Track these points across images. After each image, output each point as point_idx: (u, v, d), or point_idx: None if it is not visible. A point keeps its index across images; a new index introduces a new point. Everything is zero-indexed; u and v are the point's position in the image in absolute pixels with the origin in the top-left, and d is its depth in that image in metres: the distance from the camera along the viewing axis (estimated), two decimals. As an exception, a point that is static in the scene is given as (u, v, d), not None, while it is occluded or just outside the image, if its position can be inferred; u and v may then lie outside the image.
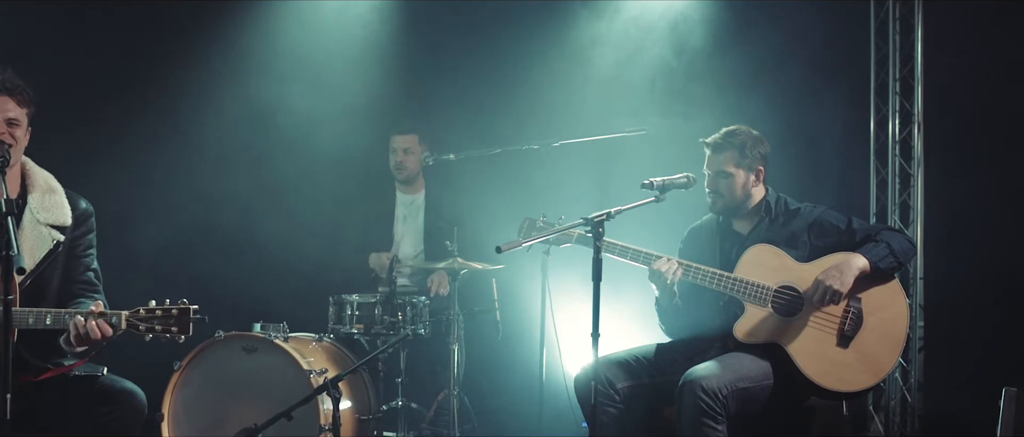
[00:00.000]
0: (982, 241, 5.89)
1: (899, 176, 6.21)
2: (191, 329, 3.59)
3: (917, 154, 6.16)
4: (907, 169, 6.20)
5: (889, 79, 6.22)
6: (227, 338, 4.81)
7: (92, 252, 3.98)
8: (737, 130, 4.36)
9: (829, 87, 6.19)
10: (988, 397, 5.49)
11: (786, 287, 4.17)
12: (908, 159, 6.20)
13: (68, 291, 3.88)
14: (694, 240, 4.51)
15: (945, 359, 6.00)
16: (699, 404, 3.93)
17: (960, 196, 5.93)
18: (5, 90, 3.73)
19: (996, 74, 5.89)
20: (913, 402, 6.06)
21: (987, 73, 5.91)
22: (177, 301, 3.60)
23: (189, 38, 6.25)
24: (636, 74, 6.03)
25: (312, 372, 4.72)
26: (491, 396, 5.72)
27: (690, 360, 4.24)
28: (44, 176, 3.89)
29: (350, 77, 6.28)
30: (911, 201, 6.15)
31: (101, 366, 3.87)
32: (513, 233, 5.62)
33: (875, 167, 6.30)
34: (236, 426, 4.55)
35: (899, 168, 6.21)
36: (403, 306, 5.13)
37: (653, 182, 4.05)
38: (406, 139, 5.84)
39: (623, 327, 5.70)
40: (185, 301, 3.59)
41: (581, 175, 5.75)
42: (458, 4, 6.29)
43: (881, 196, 6.27)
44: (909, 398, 6.07)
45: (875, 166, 6.30)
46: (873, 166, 6.30)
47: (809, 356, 4.10)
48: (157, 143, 6.11)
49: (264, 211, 6.15)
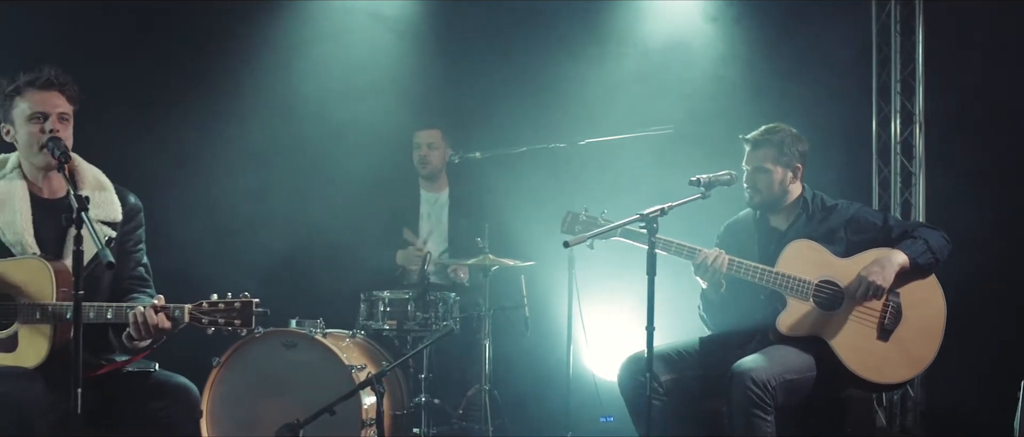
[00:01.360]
0: (983, 239, 6.02)
1: (901, 175, 6.36)
2: (254, 322, 3.58)
3: (918, 153, 6.32)
4: (909, 168, 6.35)
5: (891, 79, 6.37)
6: (266, 334, 4.79)
7: (142, 247, 3.97)
8: (776, 127, 4.45)
9: (831, 87, 6.31)
10: (988, 392, 5.68)
11: (827, 282, 4.26)
12: (909, 158, 6.35)
13: (120, 287, 3.87)
14: (732, 235, 4.59)
15: (946, 354, 6.14)
16: (749, 395, 4.01)
17: (961, 195, 6.07)
18: (55, 86, 3.71)
19: (997, 74, 6.05)
20: (916, 396, 6.20)
21: (987, 73, 6.07)
22: (239, 294, 3.59)
23: (225, 37, 6.27)
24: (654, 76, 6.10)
25: (353, 367, 4.71)
26: (518, 391, 5.74)
27: (731, 353, 4.33)
28: (93, 172, 3.86)
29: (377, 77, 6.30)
30: (913, 200, 6.31)
31: (153, 362, 3.85)
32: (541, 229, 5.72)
33: (877, 166, 6.45)
34: (273, 422, 4.52)
35: (901, 167, 6.36)
36: (435, 302, 5.14)
37: (700, 179, 4.13)
38: (429, 134, 5.86)
39: (635, 319, 5.79)
40: (247, 294, 3.59)
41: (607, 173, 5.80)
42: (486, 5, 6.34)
43: (883, 195, 6.42)
44: (912, 392, 6.22)
45: (877, 165, 6.45)
46: (875, 165, 6.45)
47: (850, 349, 4.20)
48: (184, 142, 6.12)
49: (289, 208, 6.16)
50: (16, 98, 3.70)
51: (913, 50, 6.29)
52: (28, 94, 3.68)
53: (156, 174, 5.64)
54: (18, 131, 3.71)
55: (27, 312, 3.60)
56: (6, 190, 3.72)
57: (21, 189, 3.73)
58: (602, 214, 4.33)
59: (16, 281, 3.61)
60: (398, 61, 6.38)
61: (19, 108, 3.69)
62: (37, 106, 3.67)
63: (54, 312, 3.59)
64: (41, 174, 3.78)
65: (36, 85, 3.68)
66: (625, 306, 5.86)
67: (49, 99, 3.68)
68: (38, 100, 3.67)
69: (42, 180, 3.79)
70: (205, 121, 6.13)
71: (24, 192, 3.74)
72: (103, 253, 3.24)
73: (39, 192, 3.79)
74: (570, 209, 4.38)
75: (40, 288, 3.61)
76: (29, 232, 3.69)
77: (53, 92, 3.70)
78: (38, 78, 3.68)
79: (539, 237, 5.54)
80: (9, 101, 3.71)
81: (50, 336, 3.61)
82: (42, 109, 3.67)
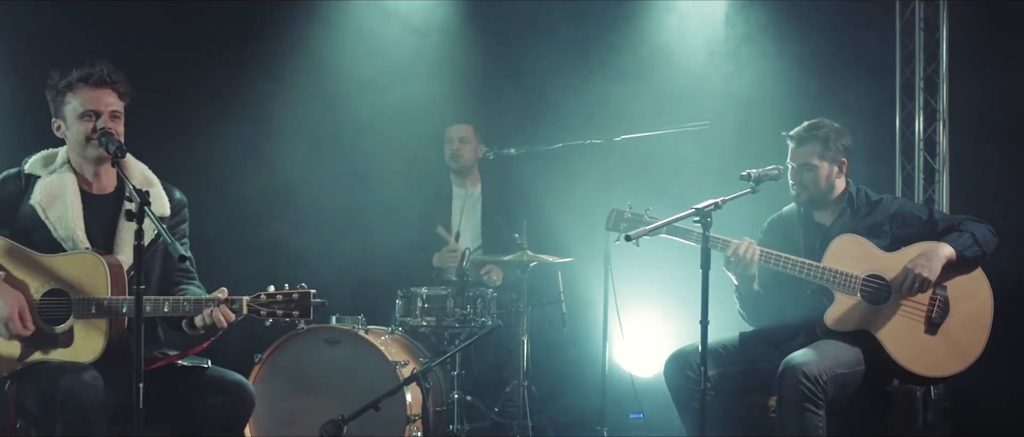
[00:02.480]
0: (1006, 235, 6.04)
1: (924, 172, 6.38)
2: (312, 313, 3.58)
3: (942, 150, 6.33)
4: (932, 165, 6.37)
5: (915, 77, 6.38)
6: (309, 330, 4.76)
7: (186, 240, 3.98)
8: (820, 123, 4.45)
9: (855, 84, 6.32)
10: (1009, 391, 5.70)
11: (873, 276, 4.26)
12: (933, 155, 6.37)
13: (168, 279, 3.89)
14: (776, 231, 4.59)
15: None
16: (801, 389, 4.01)
17: (984, 191, 6.10)
18: (107, 83, 3.72)
19: (1021, 72, 6.08)
20: (939, 392, 6.22)
21: (1012, 71, 6.10)
22: (296, 285, 3.59)
23: (255, 37, 6.30)
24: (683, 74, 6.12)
25: (397, 364, 4.68)
26: (554, 387, 5.73)
27: (777, 348, 4.33)
28: (140, 168, 3.87)
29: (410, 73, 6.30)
30: (936, 197, 6.33)
31: (205, 359, 3.83)
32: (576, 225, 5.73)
33: (901, 163, 6.46)
34: (315, 419, 4.51)
35: (924, 164, 6.38)
36: (473, 298, 5.13)
37: (750, 174, 4.13)
38: (461, 129, 5.87)
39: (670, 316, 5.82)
40: (304, 285, 3.60)
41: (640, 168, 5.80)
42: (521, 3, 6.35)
43: (907, 192, 6.42)
44: (933, 388, 6.22)
45: (901, 162, 6.46)
46: (899, 162, 6.46)
47: (898, 343, 4.21)
48: (217, 140, 6.13)
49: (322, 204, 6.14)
50: (68, 94, 3.70)
51: (937, 47, 6.31)
52: (80, 91, 3.69)
53: (186, 170, 5.61)
54: (70, 128, 3.72)
55: (82, 307, 3.59)
56: (57, 185, 3.71)
57: (72, 184, 3.73)
58: (647, 211, 4.33)
59: (70, 276, 3.60)
60: (431, 57, 6.38)
61: (71, 105, 3.70)
62: (89, 104, 3.68)
63: (109, 306, 3.58)
64: (91, 169, 3.78)
65: (89, 82, 3.68)
66: (661, 302, 5.87)
67: (101, 96, 3.69)
68: (90, 97, 3.68)
69: (92, 175, 3.79)
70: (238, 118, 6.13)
71: (74, 187, 3.73)
72: (174, 248, 3.25)
73: (88, 187, 3.80)
74: (614, 206, 4.37)
75: (94, 283, 3.60)
76: (80, 227, 3.69)
77: (105, 89, 3.71)
78: (91, 75, 3.69)
79: (574, 233, 5.54)
80: (61, 97, 3.71)
81: (105, 330, 3.60)
82: (94, 107, 3.68)
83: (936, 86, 6.34)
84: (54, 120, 3.77)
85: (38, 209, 3.66)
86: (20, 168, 3.78)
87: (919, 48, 6.36)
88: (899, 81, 6.45)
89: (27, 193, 3.70)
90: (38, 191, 3.68)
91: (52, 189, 3.69)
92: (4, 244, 3.64)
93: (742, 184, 4.13)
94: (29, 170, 3.75)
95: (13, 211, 3.70)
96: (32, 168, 3.75)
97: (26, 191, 3.70)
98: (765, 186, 4.20)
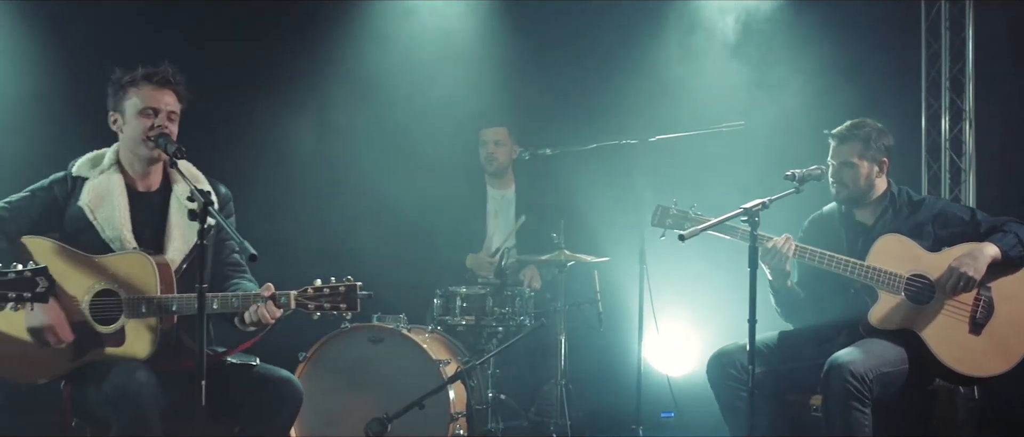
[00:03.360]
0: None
1: (950, 172, 6.39)
2: (359, 305, 3.58)
3: (968, 150, 6.35)
4: (958, 164, 6.38)
5: (941, 76, 6.39)
6: (352, 329, 4.75)
7: None
8: (862, 122, 4.46)
9: (880, 83, 6.33)
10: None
11: (917, 275, 4.27)
12: (959, 155, 6.38)
13: (219, 274, 3.91)
14: (817, 229, 4.59)
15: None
16: (847, 388, 4.01)
17: (1011, 191, 6.10)
18: (169, 84, 3.76)
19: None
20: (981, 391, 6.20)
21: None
22: (342, 278, 3.59)
23: (301, 36, 6.35)
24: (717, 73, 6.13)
25: (440, 362, 4.68)
26: (588, 386, 5.73)
27: (818, 347, 4.34)
28: (187, 166, 3.88)
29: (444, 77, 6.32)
30: (962, 196, 6.33)
31: (253, 356, 3.83)
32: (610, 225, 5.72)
33: (927, 162, 6.47)
34: (358, 417, 4.52)
35: (950, 164, 6.39)
36: (512, 298, 5.12)
37: (794, 174, 4.14)
38: (496, 132, 5.87)
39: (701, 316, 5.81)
40: (350, 278, 3.61)
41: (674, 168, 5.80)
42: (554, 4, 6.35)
43: (932, 191, 6.43)
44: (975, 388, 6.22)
45: (927, 161, 6.47)
46: (924, 161, 6.47)
47: (943, 342, 4.21)
48: (254, 140, 6.15)
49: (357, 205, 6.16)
50: (130, 89, 3.73)
51: (963, 47, 6.32)
52: (142, 88, 3.72)
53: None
54: (127, 123, 3.74)
55: (132, 306, 3.59)
56: (105, 185, 3.73)
57: (119, 184, 3.75)
58: (692, 208, 4.33)
59: (120, 276, 3.61)
60: (465, 59, 6.38)
61: (131, 100, 3.73)
62: (149, 101, 3.71)
63: (160, 305, 3.58)
64: (141, 167, 3.80)
65: (151, 81, 3.73)
66: (692, 302, 5.87)
67: (161, 96, 3.73)
68: (151, 95, 3.72)
69: (140, 173, 3.79)
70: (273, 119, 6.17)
71: (121, 187, 3.75)
72: (244, 248, 3.24)
73: (135, 185, 3.80)
74: (659, 202, 4.36)
75: (144, 282, 3.60)
76: (127, 227, 3.71)
77: (166, 90, 3.75)
78: (154, 74, 3.73)
79: (608, 232, 5.53)
80: (122, 92, 3.74)
81: (156, 329, 3.60)
82: (154, 105, 3.71)
83: (962, 85, 6.35)
84: (112, 113, 3.79)
85: (86, 210, 3.68)
86: (67, 171, 3.80)
87: (945, 47, 6.37)
88: (924, 80, 6.46)
89: (74, 195, 3.73)
90: (86, 193, 3.71)
91: (99, 190, 3.72)
92: (54, 246, 3.65)
93: (786, 184, 4.13)
94: (77, 172, 3.77)
95: (61, 214, 3.72)
96: (79, 170, 3.77)
97: (73, 193, 3.73)
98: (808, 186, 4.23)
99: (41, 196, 3.72)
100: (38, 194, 3.73)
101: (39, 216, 3.69)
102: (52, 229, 3.71)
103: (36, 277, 3.33)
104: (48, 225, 3.71)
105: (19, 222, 3.65)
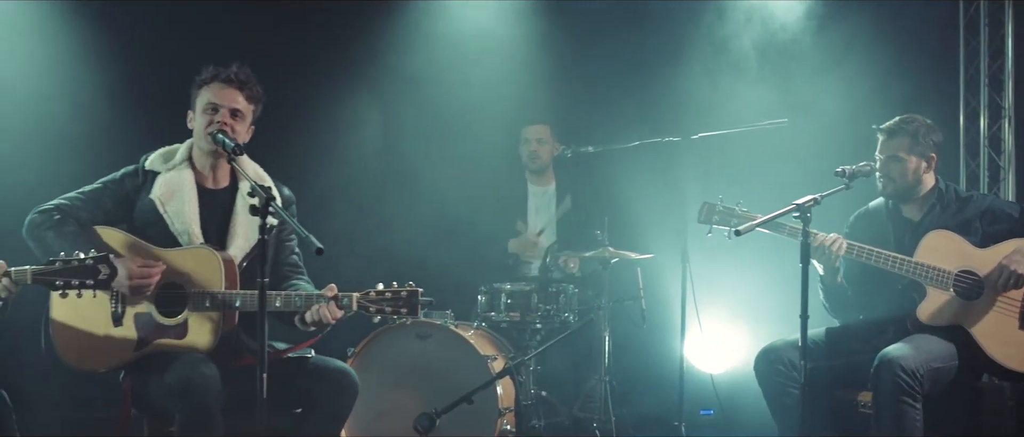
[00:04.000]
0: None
1: (989, 170, 6.38)
2: (420, 311, 3.63)
3: (1007, 148, 6.34)
4: (997, 162, 6.37)
5: (979, 74, 6.39)
6: (400, 325, 4.78)
7: (294, 237, 4.02)
8: (911, 117, 4.47)
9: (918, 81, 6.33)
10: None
11: (966, 271, 4.28)
12: (998, 152, 6.38)
13: (278, 273, 3.96)
14: (864, 224, 4.60)
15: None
16: (898, 383, 4.02)
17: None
18: (235, 83, 3.81)
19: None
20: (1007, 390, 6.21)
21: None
22: (404, 283, 3.63)
23: (330, 36, 6.41)
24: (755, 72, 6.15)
25: (488, 357, 4.71)
26: (631, 382, 5.76)
27: (866, 342, 4.35)
28: (253, 166, 3.96)
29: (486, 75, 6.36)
30: (1001, 194, 6.32)
31: (309, 349, 3.88)
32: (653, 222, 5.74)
33: (965, 160, 6.47)
34: (405, 413, 4.55)
35: (989, 161, 6.38)
36: (556, 294, 5.15)
37: (845, 170, 4.14)
38: (538, 129, 5.90)
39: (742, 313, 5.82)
40: (412, 283, 3.64)
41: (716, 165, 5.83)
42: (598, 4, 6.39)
43: (971, 189, 6.43)
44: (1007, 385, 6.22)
45: (965, 159, 6.47)
46: (962, 159, 6.47)
47: (992, 338, 4.22)
48: (299, 141, 6.21)
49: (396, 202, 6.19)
50: (203, 88, 3.82)
51: (1002, 44, 6.31)
52: (212, 86, 3.80)
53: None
54: (196, 119, 3.82)
55: (197, 300, 3.64)
56: (176, 180, 3.80)
57: (189, 179, 3.82)
58: (738, 204, 4.34)
59: (186, 270, 3.66)
60: (507, 57, 6.42)
61: (202, 98, 3.81)
62: (213, 98, 3.78)
63: (223, 300, 3.63)
64: (209, 163, 3.87)
65: (219, 79, 3.80)
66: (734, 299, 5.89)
67: (227, 94, 3.79)
68: (217, 93, 3.79)
69: (209, 170, 3.87)
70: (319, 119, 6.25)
71: (191, 182, 3.82)
72: (309, 241, 3.27)
73: (204, 182, 3.87)
74: (706, 199, 4.39)
75: (209, 277, 3.65)
76: (196, 222, 3.77)
77: (232, 88, 3.80)
78: (222, 73, 3.80)
79: (651, 229, 5.55)
80: (197, 90, 3.84)
81: (218, 323, 3.64)
82: (217, 101, 3.78)
83: (1001, 83, 6.35)
84: (190, 112, 3.88)
85: (157, 203, 3.75)
86: (139, 164, 3.87)
87: (983, 45, 6.37)
88: (963, 78, 6.45)
89: (145, 188, 3.80)
90: (158, 186, 3.78)
91: (171, 185, 3.78)
92: (124, 238, 3.71)
93: (836, 180, 4.14)
94: (149, 166, 3.84)
95: (131, 206, 3.80)
96: (152, 164, 3.84)
97: (144, 186, 3.80)
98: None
99: (112, 188, 3.80)
100: (110, 186, 3.81)
101: (111, 207, 3.77)
102: (122, 221, 3.79)
103: (98, 265, 3.39)
104: (118, 217, 3.78)
105: (92, 211, 3.73)
